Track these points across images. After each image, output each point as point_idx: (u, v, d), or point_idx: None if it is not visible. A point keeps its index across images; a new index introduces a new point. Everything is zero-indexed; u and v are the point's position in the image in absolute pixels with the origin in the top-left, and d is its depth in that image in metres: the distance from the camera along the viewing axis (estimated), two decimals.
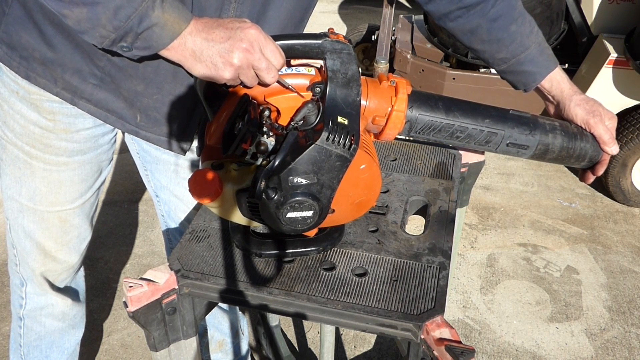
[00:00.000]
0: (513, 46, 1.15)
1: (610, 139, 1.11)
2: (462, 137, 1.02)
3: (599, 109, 1.12)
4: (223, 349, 1.65)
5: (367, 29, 3.87)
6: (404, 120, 0.96)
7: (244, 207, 0.91)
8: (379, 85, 0.95)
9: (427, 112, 0.98)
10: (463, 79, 3.09)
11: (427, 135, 1.00)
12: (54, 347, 1.53)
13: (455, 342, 0.82)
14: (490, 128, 1.02)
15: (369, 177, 0.90)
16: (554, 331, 2.21)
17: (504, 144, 1.04)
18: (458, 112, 1.00)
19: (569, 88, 1.15)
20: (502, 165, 3.26)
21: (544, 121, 1.07)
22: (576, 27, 2.94)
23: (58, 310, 1.46)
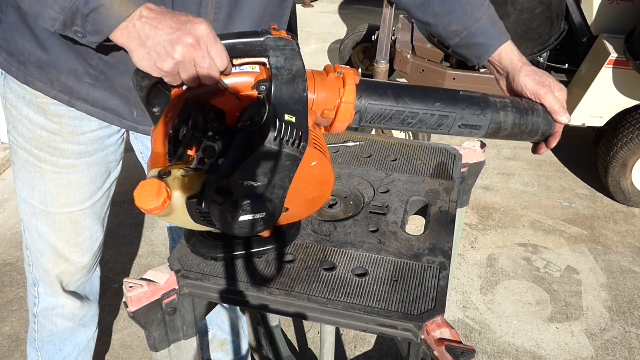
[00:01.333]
0: (464, 18, 1.15)
1: (561, 108, 1.10)
2: (414, 122, 1.00)
3: (548, 79, 1.11)
4: (224, 348, 1.65)
5: (367, 29, 3.87)
6: (354, 111, 0.95)
7: (195, 215, 0.88)
8: (326, 78, 0.93)
9: (376, 101, 0.96)
10: (463, 79, 3.09)
11: (378, 123, 0.99)
12: (66, 342, 1.56)
13: (456, 342, 0.82)
14: (441, 111, 1.00)
15: (321, 173, 0.89)
16: (554, 331, 2.21)
17: (455, 126, 1.03)
18: (408, 98, 0.98)
19: (518, 59, 1.14)
20: (502, 165, 3.26)
21: (495, 99, 1.06)
22: (576, 27, 2.94)
23: (68, 311, 1.48)
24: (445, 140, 3.44)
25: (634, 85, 2.71)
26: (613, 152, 2.80)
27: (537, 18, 2.78)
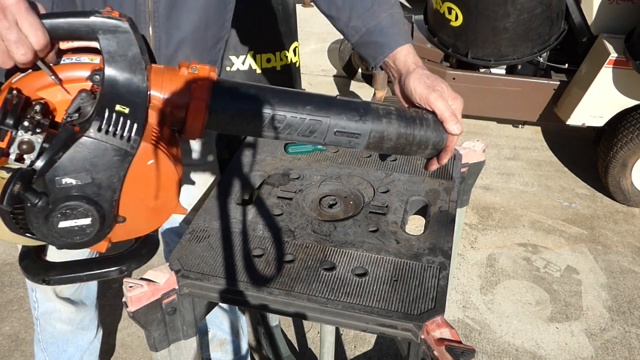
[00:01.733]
0: (365, 15, 1.09)
1: (452, 117, 0.99)
2: (281, 127, 0.90)
3: (441, 85, 1.02)
4: (223, 348, 1.65)
5: None
6: (206, 111, 0.84)
7: (9, 222, 0.77)
8: (177, 73, 0.84)
9: (235, 101, 0.88)
10: (463, 79, 3.09)
11: (240, 127, 0.90)
12: (69, 343, 1.58)
13: (456, 342, 0.82)
14: (313, 116, 0.91)
15: (161, 176, 0.79)
16: (554, 331, 2.21)
17: (331, 133, 0.93)
18: (274, 100, 0.89)
19: (413, 62, 1.06)
20: (502, 165, 3.26)
21: (377, 106, 0.97)
22: (576, 27, 2.94)
23: (65, 315, 1.49)
24: None
25: (634, 85, 2.71)
26: (613, 152, 2.80)
27: (537, 18, 2.78)
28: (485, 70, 3.14)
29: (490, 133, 3.58)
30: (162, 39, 1.03)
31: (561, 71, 3.11)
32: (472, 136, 3.54)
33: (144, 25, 1.00)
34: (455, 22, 2.91)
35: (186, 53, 1.07)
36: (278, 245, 1.02)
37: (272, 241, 1.03)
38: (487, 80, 3.08)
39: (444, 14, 2.94)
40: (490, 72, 3.13)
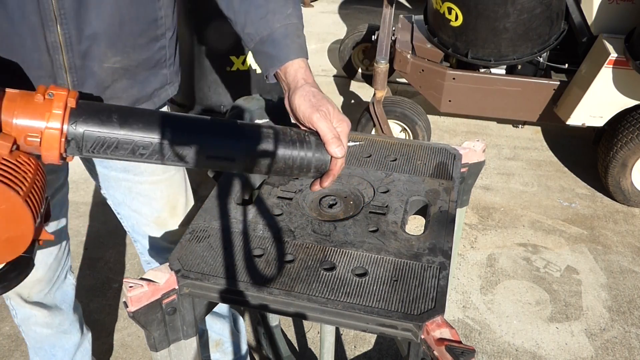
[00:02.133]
0: (259, 23, 1.06)
1: (334, 139, 0.95)
2: (147, 153, 0.88)
3: (327, 106, 0.98)
4: (220, 348, 1.65)
5: (367, 29, 3.87)
6: (62, 139, 0.84)
7: None
8: (32, 100, 0.83)
9: (95, 128, 0.86)
10: (463, 79, 3.09)
11: (104, 153, 0.88)
12: (56, 347, 1.57)
13: (456, 342, 0.82)
14: (182, 140, 0.89)
15: (7, 209, 0.78)
16: (554, 331, 2.21)
17: (203, 158, 0.91)
18: (138, 125, 0.87)
19: (302, 77, 1.02)
20: (502, 165, 3.26)
21: (255, 129, 0.96)
22: (576, 27, 2.94)
23: (41, 320, 1.48)
24: (445, 140, 3.45)
25: (634, 85, 2.71)
26: (613, 152, 2.80)
27: (537, 18, 2.78)
28: (485, 70, 3.14)
29: (490, 133, 3.58)
30: (72, 35, 1.01)
31: (561, 71, 3.11)
32: (472, 136, 3.54)
33: (51, 23, 0.98)
34: (455, 22, 2.91)
35: (102, 49, 1.05)
36: (278, 245, 1.02)
37: (272, 241, 1.03)
38: (487, 80, 3.08)
39: (444, 14, 2.94)
40: (490, 72, 3.13)
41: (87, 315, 2.19)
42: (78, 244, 2.56)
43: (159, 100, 1.22)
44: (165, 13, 1.14)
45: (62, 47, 1.01)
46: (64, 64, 1.03)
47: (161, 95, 1.23)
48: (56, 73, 1.04)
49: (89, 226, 2.67)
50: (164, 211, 1.35)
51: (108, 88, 1.11)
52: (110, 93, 1.12)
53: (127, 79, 1.13)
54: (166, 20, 1.15)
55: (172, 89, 1.25)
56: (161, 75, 1.20)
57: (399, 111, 2.99)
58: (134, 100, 1.17)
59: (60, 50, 1.01)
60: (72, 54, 1.03)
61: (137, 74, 1.14)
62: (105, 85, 1.10)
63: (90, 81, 1.08)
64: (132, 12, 1.07)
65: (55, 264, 1.41)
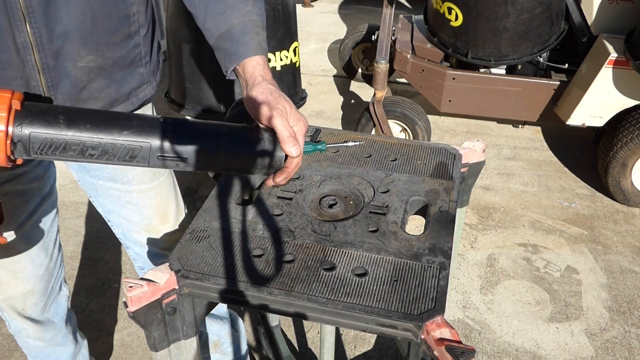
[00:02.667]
0: (219, 18, 1.05)
1: (290, 138, 0.94)
2: (97, 154, 0.89)
3: (284, 104, 0.97)
4: (219, 349, 1.65)
5: (367, 29, 3.87)
6: (7, 141, 0.84)
7: None
8: None
9: (42, 129, 0.85)
10: (463, 79, 3.09)
11: (53, 155, 0.87)
12: (52, 357, 1.56)
13: (456, 342, 0.82)
14: (131, 141, 0.89)
15: None
16: (554, 331, 2.21)
17: (154, 158, 0.91)
18: (86, 126, 0.87)
19: (260, 74, 1.01)
20: (502, 165, 3.26)
21: (206, 127, 0.95)
22: (576, 27, 2.94)
23: (33, 333, 1.46)
24: (445, 140, 3.45)
25: (634, 85, 2.71)
26: (613, 152, 2.80)
27: (537, 18, 2.78)
28: (485, 70, 3.14)
29: (490, 133, 3.58)
30: (42, 34, 0.99)
31: (561, 71, 3.11)
32: (472, 136, 3.54)
33: (19, 22, 0.96)
34: (455, 22, 2.91)
35: (75, 48, 1.03)
36: (278, 245, 1.02)
37: (272, 241, 1.03)
38: (487, 80, 3.08)
39: (444, 14, 2.94)
40: (490, 72, 3.13)
41: (87, 315, 2.19)
42: (78, 244, 2.56)
43: (137, 100, 1.20)
44: (137, 9, 1.12)
45: (32, 47, 0.99)
46: (37, 64, 1.01)
47: (139, 95, 1.21)
48: (29, 74, 1.02)
49: (89, 226, 2.67)
50: (155, 218, 1.35)
51: (84, 89, 1.09)
52: (87, 94, 1.10)
53: (103, 79, 1.11)
54: (139, 16, 1.13)
55: (150, 88, 1.23)
56: (137, 74, 1.18)
57: (399, 111, 2.99)
58: (111, 100, 1.15)
59: (31, 50, 0.99)
60: (43, 53, 1.01)
61: (113, 73, 1.12)
62: (81, 85, 1.08)
63: (65, 81, 1.06)
64: (104, 8, 1.05)
65: (47, 275, 1.38)
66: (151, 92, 1.24)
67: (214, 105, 2.90)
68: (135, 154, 0.90)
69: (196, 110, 2.93)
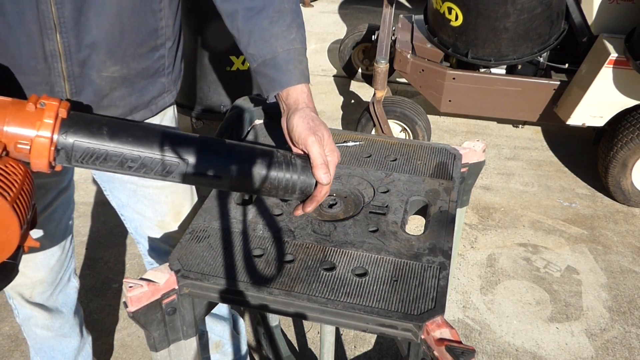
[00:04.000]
0: (262, 45, 1.07)
1: (323, 165, 0.98)
2: (136, 166, 0.91)
3: (323, 132, 1.00)
4: (220, 350, 1.65)
5: (367, 29, 3.87)
6: (52, 148, 0.87)
7: None
8: (23, 108, 0.85)
9: (85, 139, 0.88)
10: (463, 79, 3.09)
11: (92, 164, 0.90)
12: (55, 350, 1.57)
13: (456, 342, 0.82)
14: (169, 157, 0.92)
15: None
16: (554, 331, 2.21)
17: (190, 175, 0.94)
18: (128, 139, 0.90)
19: (304, 101, 1.04)
20: (502, 165, 3.26)
21: (242, 149, 0.98)
22: (576, 27, 2.94)
23: (41, 322, 1.48)
24: (445, 140, 3.45)
25: (634, 85, 2.71)
26: (613, 152, 2.80)
27: (537, 18, 2.78)
28: (485, 70, 3.14)
29: (490, 133, 3.58)
30: (71, 43, 1.00)
31: (561, 71, 3.11)
32: (472, 136, 3.54)
33: (50, 31, 0.98)
34: (455, 22, 2.91)
35: (102, 58, 1.05)
36: (278, 245, 1.02)
37: (272, 241, 1.03)
38: (487, 80, 3.08)
39: (444, 14, 2.94)
40: (490, 72, 3.13)
41: (87, 315, 2.19)
42: (78, 244, 2.56)
43: (156, 108, 1.22)
44: (166, 23, 1.13)
45: (60, 55, 1.01)
46: (63, 71, 1.03)
47: (158, 103, 1.22)
48: (54, 80, 1.03)
49: (89, 226, 2.67)
50: (168, 215, 1.35)
51: (106, 96, 1.10)
52: (108, 101, 1.11)
53: (125, 88, 1.13)
54: (167, 30, 1.14)
55: (170, 97, 1.25)
56: (159, 84, 1.20)
57: (399, 111, 2.99)
58: (131, 108, 1.16)
59: (59, 58, 1.01)
60: (70, 62, 1.02)
61: (135, 82, 1.14)
62: (104, 93, 1.10)
63: (88, 89, 1.07)
64: (133, 22, 1.06)
65: (58, 266, 1.41)
66: (170, 101, 1.26)
67: (214, 106, 2.90)
68: (172, 170, 0.93)
69: (196, 110, 2.93)
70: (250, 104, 1.40)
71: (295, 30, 1.08)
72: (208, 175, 0.95)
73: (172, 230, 1.37)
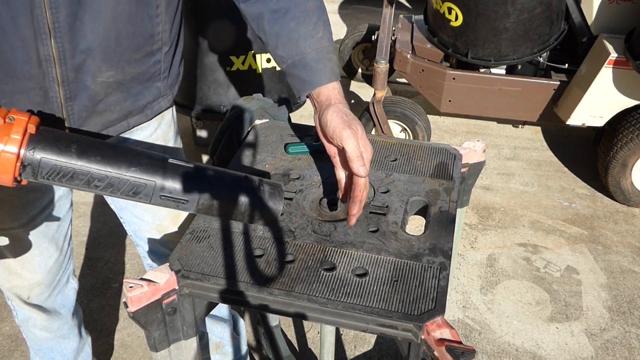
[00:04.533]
0: (290, 46, 1.07)
1: (359, 158, 0.99)
2: (102, 186, 0.91)
3: (357, 126, 1.01)
4: (220, 351, 1.65)
5: (367, 29, 3.87)
6: (18, 164, 0.86)
7: None
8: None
9: (53, 156, 0.87)
10: (463, 79, 3.09)
11: (59, 181, 0.90)
12: (54, 351, 1.57)
13: (456, 342, 0.82)
14: (137, 178, 0.92)
15: None
16: (554, 331, 2.21)
17: (157, 196, 0.94)
18: (96, 158, 0.90)
19: (336, 97, 1.05)
20: (502, 165, 3.26)
21: (211, 173, 0.99)
22: (576, 27, 2.94)
23: (40, 323, 1.48)
24: (445, 140, 3.45)
25: (634, 85, 2.71)
26: (613, 152, 2.80)
27: (537, 18, 2.78)
28: (485, 70, 3.14)
29: (490, 133, 3.58)
30: (66, 48, 1.00)
31: (561, 71, 3.11)
32: (472, 136, 3.54)
33: (45, 36, 0.97)
34: (455, 22, 2.91)
35: (97, 63, 1.04)
36: (278, 245, 1.02)
37: (272, 241, 1.03)
38: (487, 80, 3.08)
39: (444, 14, 2.94)
40: (490, 72, 3.13)
41: (87, 315, 2.19)
42: (78, 244, 2.56)
43: (151, 112, 1.21)
44: (163, 28, 1.12)
45: (55, 60, 1.00)
46: (57, 77, 1.02)
47: (154, 107, 1.22)
48: (48, 86, 1.02)
49: (89, 226, 2.67)
50: (167, 219, 1.35)
51: (101, 101, 1.10)
52: (103, 106, 1.11)
53: (121, 93, 1.12)
54: (163, 35, 1.13)
55: (166, 101, 1.24)
56: (155, 88, 1.19)
57: (399, 111, 2.99)
58: (126, 113, 1.15)
59: (53, 63, 1.00)
60: (65, 67, 1.01)
61: (130, 87, 1.13)
62: (98, 98, 1.09)
63: (83, 94, 1.06)
64: (129, 27, 1.06)
65: (56, 268, 1.40)
66: (166, 105, 1.25)
67: (214, 106, 2.90)
68: (139, 191, 0.93)
69: (196, 110, 2.93)
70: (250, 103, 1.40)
71: (322, 28, 1.08)
72: (175, 198, 0.96)
73: (171, 234, 1.37)
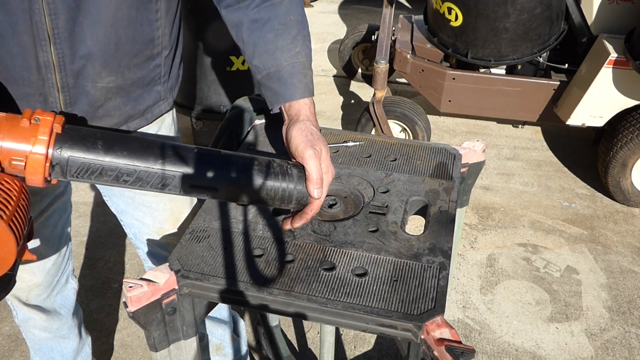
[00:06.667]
0: (266, 57, 1.07)
1: (318, 180, 0.97)
2: (131, 180, 0.91)
3: (322, 148, 1.00)
4: (221, 352, 1.65)
5: (367, 29, 3.87)
6: (47, 164, 0.86)
7: None
8: (18, 124, 0.84)
9: (80, 154, 0.88)
10: (463, 79, 3.09)
11: (88, 178, 0.90)
12: (54, 351, 1.57)
13: (456, 342, 0.82)
14: (165, 170, 0.92)
15: None
16: (554, 331, 2.21)
17: (186, 186, 0.94)
18: (123, 152, 0.90)
19: (305, 114, 1.05)
20: (502, 165, 3.26)
21: (238, 159, 0.98)
22: (576, 27, 2.94)
23: (40, 323, 1.48)
24: (445, 140, 3.45)
25: (634, 85, 2.71)
26: (613, 152, 2.80)
27: (537, 18, 2.78)
28: (485, 70, 3.14)
29: (490, 133, 3.58)
30: (65, 54, 0.99)
31: (561, 71, 3.11)
32: (471, 136, 3.54)
33: (44, 42, 0.96)
34: (455, 22, 2.91)
35: (97, 69, 1.04)
36: (278, 245, 1.02)
37: (272, 241, 1.03)
38: (487, 80, 3.08)
39: (443, 14, 2.94)
40: (490, 72, 3.13)
41: (87, 315, 2.19)
42: (78, 244, 2.56)
43: (151, 116, 1.21)
44: (162, 32, 1.12)
45: (54, 66, 1.00)
46: (57, 83, 1.01)
47: (154, 111, 1.21)
48: (47, 92, 1.02)
49: (89, 226, 2.67)
50: (167, 222, 1.35)
51: (101, 107, 1.09)
52: (103, 112, 1.11)
53: (121, 97, 1.12)
54: (163, 39, 1.13)
55: (166, 104, 1.24)
56: (155, 92, 1.19)
57: (399, 111, 2.99)
58: (126, 117, 1.15)
59: (53, 69, 1.00)
60: (65, 73, 1.01)
61: (130, 92, 1.13)
62: (98, 104, 1.09)
63: (83, 100, 1.06)
64: (129, 32, 1.05)
65: (54, 269, 1.40)
66: (166, 108, 1.25)
67: (214, 106, 2.90)
68: (167, 182, 0.93)
69: (196, 110, 2.93)
70: (250, 104, 1.40)
71: (300, 43, 1.08)
72: (205, 187, 0.95)
73: (172, 237, 1.37)
